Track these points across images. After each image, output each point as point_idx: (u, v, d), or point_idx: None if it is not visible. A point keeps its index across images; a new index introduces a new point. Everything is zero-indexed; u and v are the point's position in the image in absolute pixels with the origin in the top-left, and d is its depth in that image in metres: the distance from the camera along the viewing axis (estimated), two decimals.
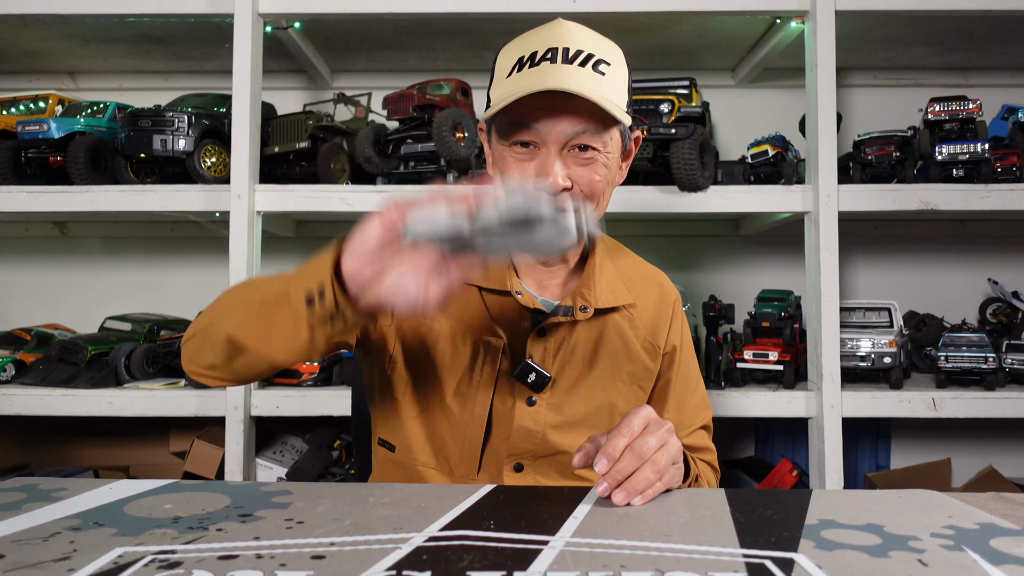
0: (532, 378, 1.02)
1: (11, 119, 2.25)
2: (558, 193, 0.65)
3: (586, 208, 0.71)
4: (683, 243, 2.73)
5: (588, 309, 1.05)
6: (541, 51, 0.93)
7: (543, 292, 1.09)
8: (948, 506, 0.83)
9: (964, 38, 2.41)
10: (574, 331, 1.07)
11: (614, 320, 1.09)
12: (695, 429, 1.17)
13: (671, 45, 2.47)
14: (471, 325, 1.06)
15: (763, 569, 0.62)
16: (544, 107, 0.91)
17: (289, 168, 2.23)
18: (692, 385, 1.18)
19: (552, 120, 0.93)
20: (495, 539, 0.69)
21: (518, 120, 0.94)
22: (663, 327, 1.14)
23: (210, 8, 2.05)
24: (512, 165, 0.97)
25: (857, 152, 2.24)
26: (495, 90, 0.98)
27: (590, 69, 0.93)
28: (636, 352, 1.11)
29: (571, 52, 0.93)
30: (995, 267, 2.69)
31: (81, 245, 2.78)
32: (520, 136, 0.95)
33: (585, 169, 0.96)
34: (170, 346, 2.17)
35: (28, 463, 2.50)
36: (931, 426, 2.67)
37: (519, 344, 1.05)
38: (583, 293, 1.06)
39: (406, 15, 2.05)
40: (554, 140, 0.94)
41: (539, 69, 0.92)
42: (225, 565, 0.62)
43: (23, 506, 0.80)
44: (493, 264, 1.06)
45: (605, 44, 0.97)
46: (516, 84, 0.93)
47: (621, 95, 0.97)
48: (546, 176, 0.94)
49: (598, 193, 0.98)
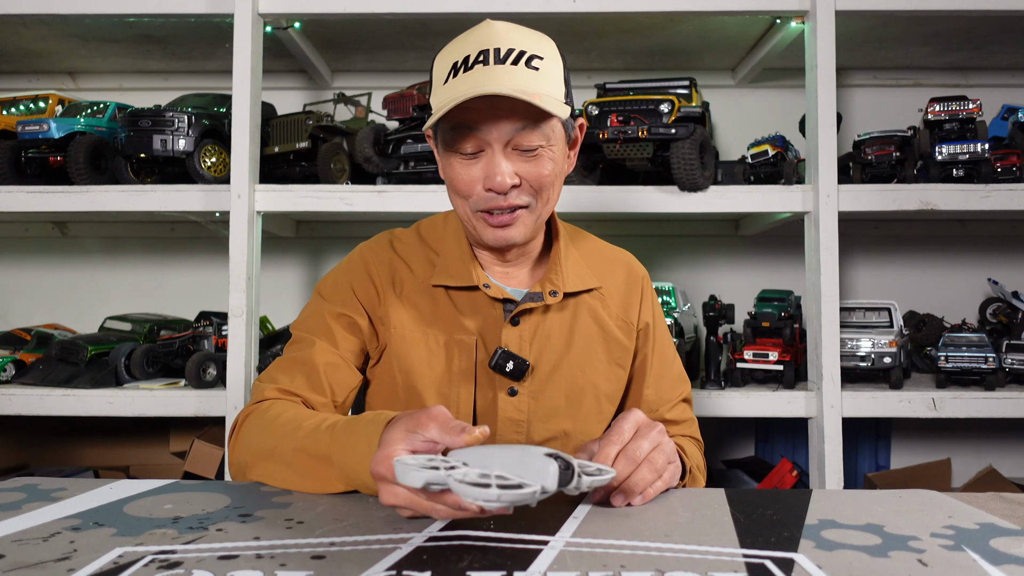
0: (510, 367, 1.03)
1: (11, 119, 2.25)
2: (559, 459, 0.65)
3: (580, 467, 0.70)
4: (683, 243, 2.73)
5: (557, 293, 1.07)
6: (473, 54, 0.94)
7: (510, 282, 1.11)
8: (948, 506, 0.83)
9: (964, 38, 2.41)
10: (547, 317, 1.09)
11: (585, 302, 1.11)
12: (676, 402, 1.19)
13: (671, 45, 2.47)
14: (441, 327, 1.07)
15: (763, 569, 0.62)
16: (483, 110, 0.92)
17: (289, 168, 2.23)
18: (669, 360, 1.20)
19: (492, 122, 0.93)
20: (495, 539, 0.69)
21: (459, 125, 0.95)
22: (634, 304, 1.16)
23: (210, 8, 2.05)
24: (459, 171, 0.98)
25: (857, 152, 2.23)
26: (434, 98, 0.99)
27: (523, 66, 0.94)
28: (611, 331, 1.12)
29: (503, 52, 0.94)
30: (995, 267, 2.69)
31: (81, 245, 2.78)
32: (464, 144, 0.96)
33: (531, 164, 0.97)
34: (170, 346, 2.17)
35: (28, 463, 2.50)
36: (931, 426, 2.67)
37: (494, 336, 1.06)
38: (551, 278, 1.08)
39: (406, 15, 2.05)
40: (497, 140, 0.95)
41: (473, 73, 0.93)
42: (225, 565, 0.62)
43: (23, 506, 0.80)
44: (455, 261, 1.08)
45: (536, 39, 0.98)
46: (453, 90, 0.94)
47: (558, 87, 0.98)
48: (493, 176, 0.95)
49: (547, 187, 1.00)
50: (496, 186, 0.95)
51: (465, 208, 1.01)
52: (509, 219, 0.99)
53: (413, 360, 1.06)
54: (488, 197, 0.97)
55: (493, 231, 1.00)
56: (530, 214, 1.01)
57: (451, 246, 1.10)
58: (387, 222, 2.65)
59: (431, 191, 2.07)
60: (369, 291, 1.09)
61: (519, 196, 0.98)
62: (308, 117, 2.17)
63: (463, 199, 1.00)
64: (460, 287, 1.07)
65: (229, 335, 2.01)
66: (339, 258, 2.74)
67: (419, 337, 1.07)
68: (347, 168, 2.20)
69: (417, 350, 1.07)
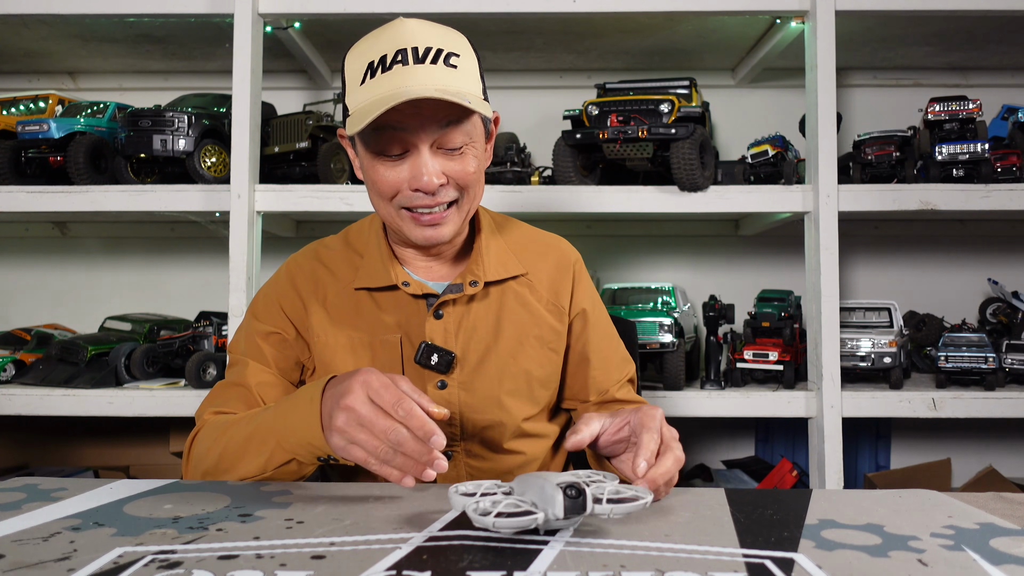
0: (435, 360, 1.04)
1: (11, 119, 2.25)
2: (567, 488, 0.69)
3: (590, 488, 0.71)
4: (683, 243, 2.73)
5: (478, 283, 1.08)
6: (391, 54, 0.93)
7: (432, 276, 1.11)
8: (948, 506, 0.83)
9: (964, 38, 2.41)
10: (471, 307, 1.09)
11: (512, 289, 1.12)
12: (623, 383, 1.20)
13: (671, 45, 2.47)
14: (364, 329, 1.08)
15: (763, 569, 0.62)
16: (408, 111, 0.91)
17: (289, 168, 2.23)
18: (612, 343, 1.21)
19: (418, 123, 0.93)
20: (495, 539, 0.69)
21: (384, 127, 0.93)
22: (565, 288, 1.16)
23: (210, 8, 2.05)
24: (384, 173, 0.97)
25: (857, 152, 2.23)
26: (351, 98, 0.98)
27: (442, 65, 0.94)
28: (540, 315, 1.13)
29: (420, 51, 0.93)
30: (995, 267, 2.69)
31: (81, 245, 2.78)
32: (389, 146, 0.95)
33: (456, 162, 0.97)
34: (170, 346, 2.17)
35: (28, 463, 2.50)
36: (931, 426, 2.67)
37: (419, 331, 1.07)
38: (472, 269, 1.09)
39: (406, 15, 2.04)
40: (423, 141, 0.94)
41: (392, 73, 0.92)
42: (225, 565, 0.62)
43: (23, 506, 0.80)
44: (376, 263, 1.09)
45: (450, 36, 0.98)
46: (373, 92, 0.93)
47: (475, 84, 0.98)
48: (420, 176, 0.94)
49: (473, 183, 1.00)
50: (424, 186, 0.95)
51: (389, 208, 1.00)
52: (439, 217, 0.99)
53: (338, 365, 1.07)
54: (414, 196, 0.97)
55: (422, 230, 1.00)
56: (458, 211, 1.01)
57: (372, 248, 1.10)
58: None
59: None
60: (295, 304, 1.10)
61: (446, 193, 0.98)
62: (308, 117, 2.17)
63: (387, 200, 0.99)
64: (381, 288, 1.08)
65: (229, 335, 2.01)
66: None
67: (344, 342, 1.08)
68: (347, 168, 2.20)
69: (341, 355, 1.08)
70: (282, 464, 0.90)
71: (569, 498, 0.68)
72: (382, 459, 0.76)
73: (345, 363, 1.07)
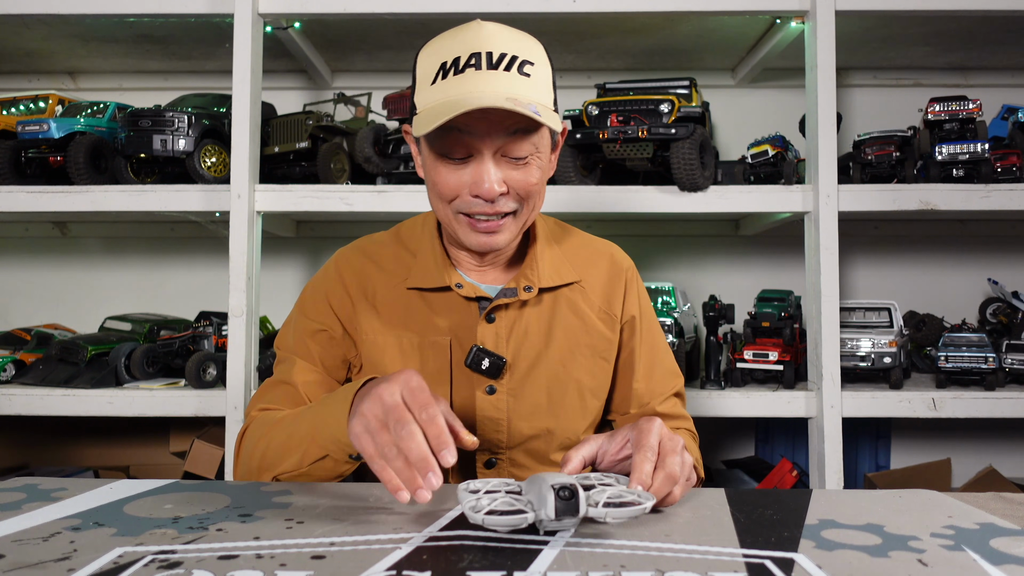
0: (485, 364, 1.02)
1: (11, 119, 2.25)
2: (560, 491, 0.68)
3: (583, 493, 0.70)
4: (683, 243, 2.73)
5: (532, 288, 1.06)
6: (464, 56, 0.92)
7: (485, 279, 1.10)
8: (948, 506, 0.83)
9: (964, 38, 2.41)
10: (523, 313, 1.07)
11: (565, 296, 1.10)
12: (667, 396, 1.17)
13: (671, 45, 2.47)
14: (414, 328, 1.07)
15: (763, 569, 0.62)
16: (476, 118, 0.90)
17: (289, 168, 2.23)
18: (659, 354, 1.17)
19: (485, 129, 0.92)
20: (495, 539, 0.69)
21: (450, 129, 0.92)
22: (617, 295, 1.14)
23: (210, 8, 2.05)
24: (446, 175, 0.95)
25: (857, 152, 2.23)
26: (420, 97, 0.96)
27: (516, 73, 0.92)
28: (592, 323, 1.11)
29: (495, 57, 0.92)
30: (995, 267, 2.69)
31: (81, 245, 2.78)
32: (453, 148, 0.94)
33: (519, 172, 0.96)
34: (170, 346, 2.17)
35: (28, 463, 2.50)
36: (931, 426, 2.67)
37: (470, 335, 1.05)
38: (526, 274, 1.07)
39: (406, 15, 2.05)
40: (488, 147, 0.93)
41: (465, 77, 0.91)
42: (225, 565, 0.62)
43: (23, 506, 0.80)
44: (429, 263, 1.08)
45: (527, 43, 0.96)
46: (443, 94, 0.92)
47: (547, 94, 0.97)
48: (482, 183, 0.93)
49: (534, 194, 0.98)
50: (484, 193, 0.93)
51: (447, 211, 0.99)
52: (496, 226, 0.98)
53: (387, 365, 1.06)
54: (473, 202, 0.96)
55: (477, 236, 0.98)
56: (515, 221, 1.00)
57: (426, 248, 1.09)
58: (387, 222, 2.64)
59: None
60: (344, 302, 1.09)
61: (506, 203, 0.96)
62: (308, 117, 2.17)
63: (446, 202, 0.98)
64: (434, 288, 1.06)
65: (229, 335, 2.01)
66: None
67: (392, 341, 1.07)
68: (347, 168, 2.20)
69: (390, 354, 1.06)
70: (316, 460, 0.90)
71: (561, 499, 0.68)
72: (386, 456, 0.74)
73: (394, 362, 1.05)
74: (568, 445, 1.09)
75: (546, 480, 0.71)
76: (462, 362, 1.04)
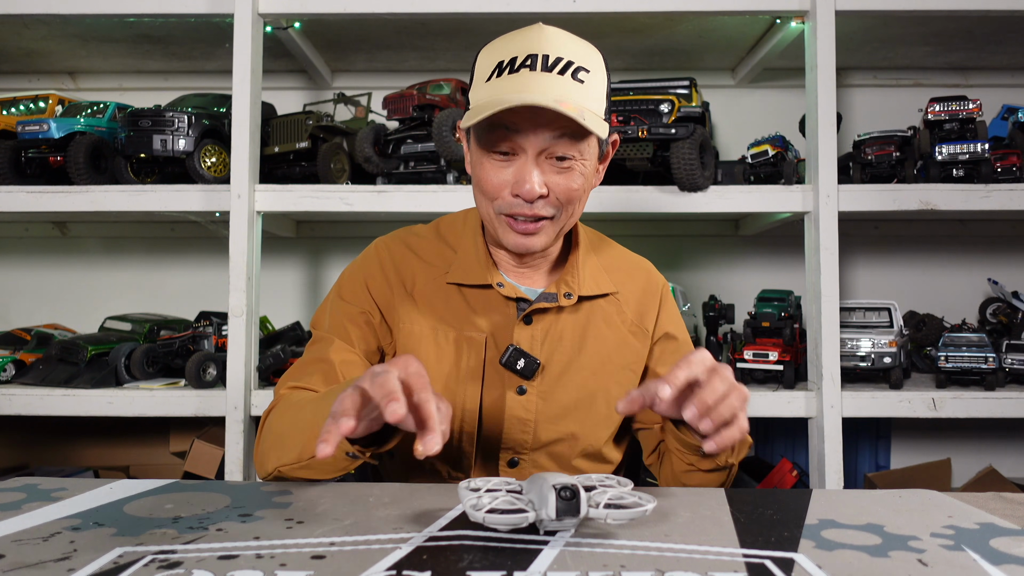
0: (521, 364, 1.03)
1: (11, 119, 2.25)
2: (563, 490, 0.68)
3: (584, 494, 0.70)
4: (683, 243, 2.73)
5: (572, 296, 1.07)
6: (521, 57, 0.94)
7: (525, 282, 1.11)
8: (948, 506, 0.84)
9: (964, 38, 2.41)
10: (560, 318, 1.08)
11: (600, 307, 1.11)
12: None
13: (671, 45, 2.47)
14: (451, 322, 1.07)
15: (763, 569, 0.62)
16: (524, 114, 0.92)
17: (289, 168, 2.23)
18: None
19: (531, 128, 0.93)
20: (495, 539, 0.69)
21: (497, 125, 0.94)
22: (651, 310, 1.15)
23: (210, 8, 2.05)
24: (490, 172, 0.97)
25: (857, 152, 2.23)
26: (474, 93, 0.99)
27: (569, 77, 0.94)
28: (624, 337, 1.12)
29: (551, 60, 0.93)
30: (995, 267, 2.69)
31: (81, 245, 2.78)
32: (499, 144, 0.95)
33: (562, 177, 0.97)
34: (170, 346, 2.17)
35: (28, 463, 2.50)
36: (931, 426, 2.67)
37: (505, 334, 1.06)
38: (567, 280, 1.08)
39: (406, 15, 2.05)
40: (532, 147, 0.94)
41: (518, 76, 0.93)
42: (225, 565, 0.62)
43: (23, 506, 0.80)
44: (471, 260, 1.09)
45: (585, 50, 0.98)
46: (495, 91, 0.94)
47: (599, 102, 0.98)
48: (523, 183, 0.95)
49: (575, 200, 1.00)
50: (525, 193, 0.95)
51: (489, 209, 1.01)
52: (533, 228, 0.99)
53: (421, 356, 1.06)
54: (514, 202, 0.97)
55: (515, 237, 1.00)
56: (553, 225, 1.01)
57: (468, 244, 1.10)
58: (387, 222, 2.65)
59: (431, 191, 2.07)
60: (383, 288, 1.10)
61: (545, 207, 0.98)
62: (308, 117, 2.17)
63: (489, 200, 1.00)
64: (474, 285, 1.07)
65: (229, 335, 2.01)
66: (339, 258, 2.75)
67: (428, 333, 1.07)
68: (347, 168, 2.20)
69: (425, 346, 1.07)
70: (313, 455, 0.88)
71: (562, 499, 0.68)
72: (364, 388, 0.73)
73: (428, 353, 1.06)
74: (590, 452, 1.10)
75: (547, 480, 0.71)
76: (496, 360, 1.05)
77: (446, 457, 1.06)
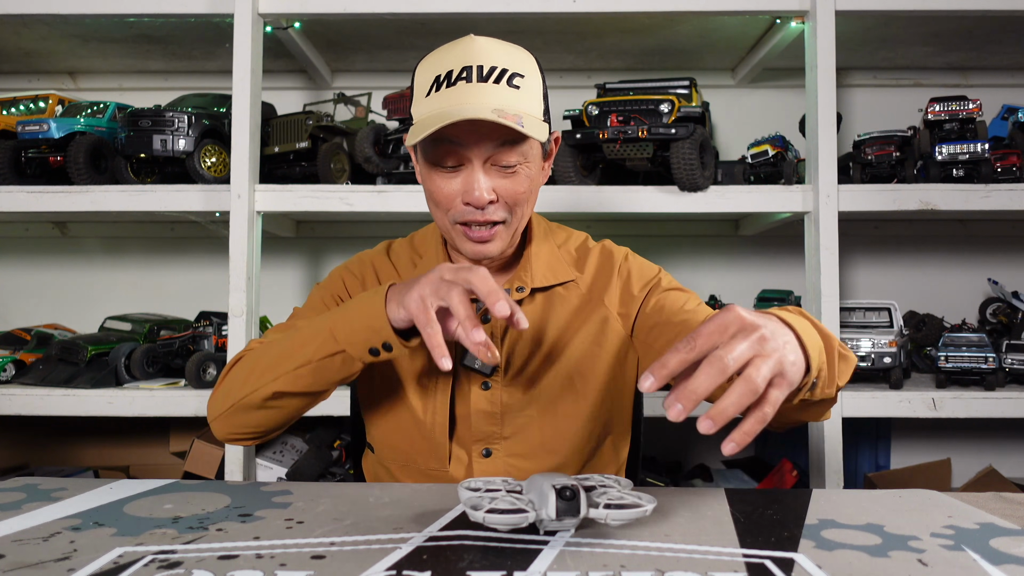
0: (478, 363, 1.05)
1: (11, 119, 2.25)
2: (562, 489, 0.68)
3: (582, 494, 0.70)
4: (683, 243, 2.73)
5: (524, 289, 1.10)
6: (457, 69, 0.97)
7: None
8: (948, 506, 0.84)
9: (964, 38, 2.41)
10: None
11: (559, 295, 1.14)
12: None
13: (671, 45, 2.47)
14: None
15: (763, 569, 0.62)
16: (465, 130, 0.95)
17: (289, 168, 2.23)
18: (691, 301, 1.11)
19: (474, 140, 0.97)
20: (495, 539, 0.69)
21: (441, 140, 0.97)
22: (614, 284, 1.15)
23: (210, 8, 2.05)
24: (440, 184, 1.01)
25: (857, 152, 2.23)
26: (416, 108, 1.02)
27: (505, 85, 0.97)
28: (588, 319, 1.13)
29: (485, 70, 0.96)
30: (995, 267, 2.69)
31: (81, 245, 2.78)
32: (445, 158, 0.99)
33: (509, 180, 1.00)
34: (170, 346, 2.17)
35: (28, 463, 2.50)
36: (931, 426, 2.67)
37: None
38: (520, 276, 1.12)
39: (406, 15, 2.05)
40: (477, 157, 0.98)
41: (456, 90, 0.96)
42: (225, 565, 0.62)
43: (23, 506, 0.80)
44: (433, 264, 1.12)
45: (518, 55, 1.01)
46: (435, 105, 0.97)
47: (537, 104, 1.01)
48: (472, 191, 0.98)
49: (523, 202, 1.03)
50: (475, 200, 0.98)
51: (444, 220, 1.05)
52: (488, 235, 1.03)
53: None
54: (467, 210, 1.01)
55: (472, 245, 1.04)
56: (507, 229, 1.04)
57: (431, 250, 1.16)
58: (387, 222, 2.66)
59: None
60: (355, 286, 1.16)
61: (496, 211, 1.01)
62: (308, 117, 2.17)
63: (443, 211, 1.04)
64: None
65: (229, 335, 2.01)
66: (339, 258, 2.75)
67: None
68: (347, 168, 2.20)
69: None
70: (328, 355, 0.92)
71: (563, 499, 0.68)
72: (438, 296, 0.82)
73: (401, 357, 1.09)
74: (562, 434, 1.12)
75: (548, 480, 0.71)
76: (460, 359, 1.07)
77: (422, 448, 1.10)
